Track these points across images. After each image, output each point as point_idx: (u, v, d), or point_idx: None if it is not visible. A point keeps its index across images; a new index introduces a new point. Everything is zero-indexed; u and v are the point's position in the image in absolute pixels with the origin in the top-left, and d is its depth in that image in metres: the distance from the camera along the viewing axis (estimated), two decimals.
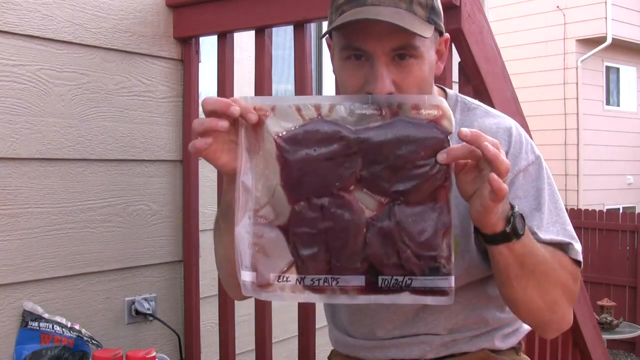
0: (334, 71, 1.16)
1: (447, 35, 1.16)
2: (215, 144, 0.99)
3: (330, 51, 1.18)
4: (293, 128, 0.99)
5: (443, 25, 1.13)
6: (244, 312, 2.15)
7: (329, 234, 0.98)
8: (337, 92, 1.15)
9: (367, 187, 0.99)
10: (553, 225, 1.16)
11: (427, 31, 1.05)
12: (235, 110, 0.96)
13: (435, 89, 1.23)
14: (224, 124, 0.97)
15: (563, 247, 1.15)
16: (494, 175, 0.93)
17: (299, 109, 1.00)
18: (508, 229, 1.02)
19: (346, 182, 0.98)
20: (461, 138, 0.96)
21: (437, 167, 0.97)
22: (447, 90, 1.27)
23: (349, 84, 1.09)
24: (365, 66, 1.07)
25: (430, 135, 0.98)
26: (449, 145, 0.97)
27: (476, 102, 1.26)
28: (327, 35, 1.16)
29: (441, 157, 0.96)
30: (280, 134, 0.99)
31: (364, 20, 1.02)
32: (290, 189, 0.99)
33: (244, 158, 1.00)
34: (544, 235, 1.13)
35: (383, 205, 0.98)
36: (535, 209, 1.15)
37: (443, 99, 1.00)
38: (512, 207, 1.04)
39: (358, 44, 1.06)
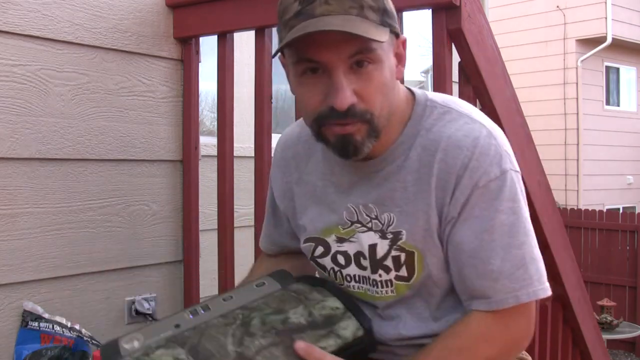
0: (291, 91, 1.12)
1: (403, 36, 1.11)
2: None
3: (285, 69, 1.13)
4: None
5: (398, 27, 1.08)
6: None
7: None
8: (297, 111, 1.13)
9: None
10: (503, 250, 1.07)
11: (382, 35, 1.01)
12: None
13: (402, 91, 1.16)
14: None
15: (481, 303, 1.09)
16: None
17: None
18: None
19: None
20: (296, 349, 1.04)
21: None
22: (415, 91, 1.18)
23: (309, 100, 1.05)
24: (322, 79, 1.02)
25: None
26: None
27: (447, 101, 1.17)
28: (280, 54, 1.11)
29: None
30: None
31: (314, 33, 0.98)
32: None
33: None
34: (486, 265, 1.07)
35: None
36: (487, 230, 1.07)
37: None
38: None
39: (312, 56, 1.01)
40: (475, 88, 1.74)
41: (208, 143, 2.32)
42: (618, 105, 10.67)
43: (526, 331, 1.14)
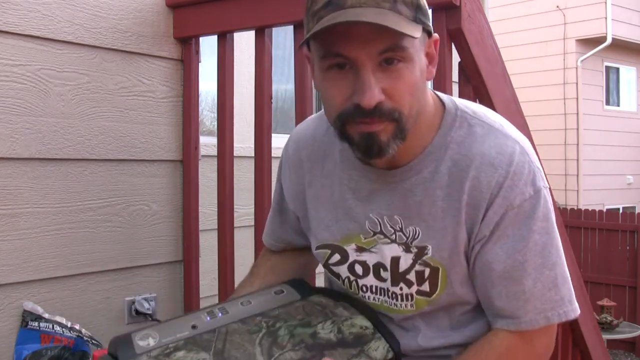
0: (315, 87, 1.07)
1: (436, 36, 1.05)
2: None
3: (309, 64, 1.08)
4: None
5: (431, 25, 1.03)
6: None
7: None
8: (322, 108, 1.10)
9: None
10: (535, 271, 1.06)
11: (415, 31, 0.96)
12: None
13: (431, 97, 1.11)
14: None
15: (510, 323, 1.08)
16: None
17: None
18: None
19: None
20: None
21: None
22: (445, 99, 1.13)
23: (334, 97, 1.00)
24: (349, 75, 0.97)
25: None
26: None
27: (478, 113, 1.12)
28: (305, 47, 1.06)
29: None
30: None
31: (344, 24, 0.92)
32: None
33: None
34: (518, 285, 1.05)
35: None
36: (520, 251, 1.05)
37: None
38: None
39: (339, 50, 0.96)
40: (475, 88, 1.74)
41: (208, 143, 2.32)
42: (618, 105, 10.67)
43: (549, 348, 1.13)
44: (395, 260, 1.12)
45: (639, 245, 7.02)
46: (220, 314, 1.12)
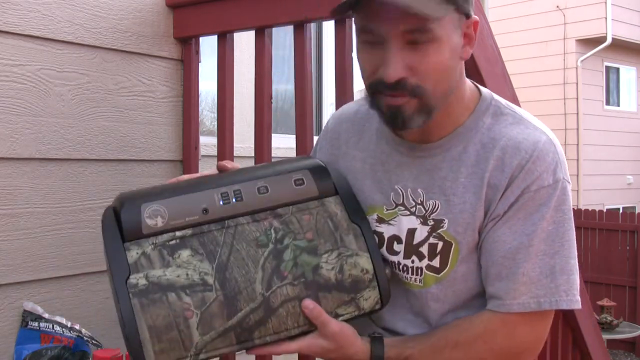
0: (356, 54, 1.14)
1: (475, 17, 1.08)
2: None
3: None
4: None
5: (469, 7, 1.05)
6: None
7: None
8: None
9: None
10: (536, 256, 1.07)
11: (441, 12, 0.99)
12: None
13: (469, 86, 1.17)
14: None
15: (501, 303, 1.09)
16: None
17: None
18: None
19: None
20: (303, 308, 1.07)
21: None
22: (482, 89, 1.19)
23: (365, 68, 1.08)
24: (379, 50, 1.03)
25: None
26: None
27: (512, 106, 1.18)
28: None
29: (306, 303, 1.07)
30: None
31: (374, 2, 0.99)
32: None
33: None
34: (519, 267, 1.07)
35: None
36: (527, 235, 1.07)
37: None
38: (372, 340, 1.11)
39: (372, 27, 1.03)
40: None
41: (208, 143, 2.32)
42: (618, 105, 10.68)
43: (532, 345, 1.12)
44: (411, 232, 1.16)
45: (639, 245, 7.02)
46: (234, 200, 1.10)
